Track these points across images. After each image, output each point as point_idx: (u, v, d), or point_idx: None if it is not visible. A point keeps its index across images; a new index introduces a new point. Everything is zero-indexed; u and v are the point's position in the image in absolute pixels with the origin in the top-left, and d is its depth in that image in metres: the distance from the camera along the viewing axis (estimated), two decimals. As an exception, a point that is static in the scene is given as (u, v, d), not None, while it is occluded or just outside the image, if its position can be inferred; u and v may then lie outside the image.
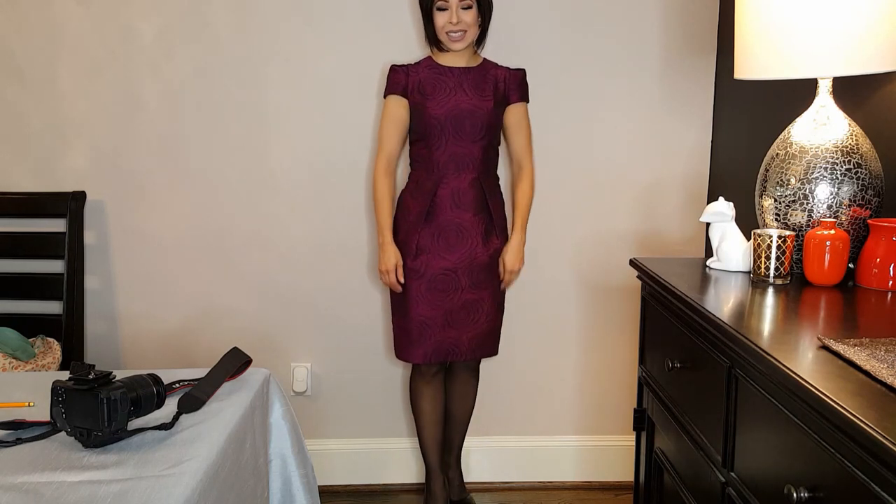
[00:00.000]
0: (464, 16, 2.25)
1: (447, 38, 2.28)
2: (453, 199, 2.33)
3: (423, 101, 2.33)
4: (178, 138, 2.69)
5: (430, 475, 2.58)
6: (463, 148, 2.33)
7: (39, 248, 2.67)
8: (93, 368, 1.41)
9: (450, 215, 2.34)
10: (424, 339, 2.38)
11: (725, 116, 2.64)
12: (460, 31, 2.27)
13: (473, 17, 2.27)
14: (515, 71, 2.40)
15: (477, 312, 2.39)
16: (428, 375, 2.49)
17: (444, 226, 2.35)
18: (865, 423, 0.90)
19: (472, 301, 2.38)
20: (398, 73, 2.36)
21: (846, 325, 1.43)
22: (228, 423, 1.55)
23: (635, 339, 2.03)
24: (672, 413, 1.67)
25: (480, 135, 2.33)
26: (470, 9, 2.26)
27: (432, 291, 2.36)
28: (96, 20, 2.62)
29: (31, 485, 1.28)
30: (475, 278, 2.37)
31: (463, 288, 2.36)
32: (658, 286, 1.70)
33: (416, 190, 2.38)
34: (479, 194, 2.36)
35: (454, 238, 2.35)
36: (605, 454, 2.86)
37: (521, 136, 2.42)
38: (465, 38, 2.28)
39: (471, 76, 2.35)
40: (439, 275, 2.36)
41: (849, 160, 1.62)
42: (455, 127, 2.31)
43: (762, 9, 1.62)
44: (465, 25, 2.26)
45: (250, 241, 2.74)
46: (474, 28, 2.29)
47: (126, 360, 2.78)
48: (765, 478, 1.22)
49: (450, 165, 2.34)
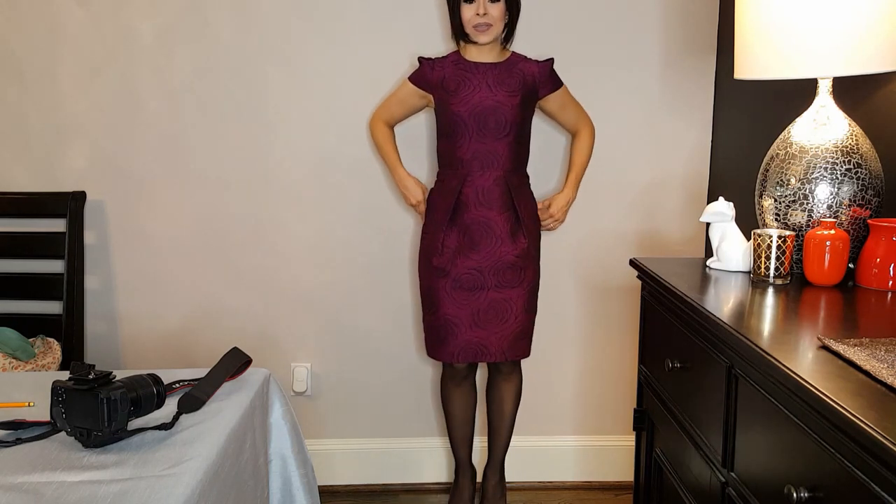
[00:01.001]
0: (491, 9, 2.22)
1: (473, 30, 2.25)
2: (478, 198, 2.31)
3: (447, 98, 2.31)
4: (178, 138, 2.69)
5: (459, 468, 2.61)
6: (487, 145, 2.29)
7: (39, 248, 2.67)
8: (93, 368, 1.41)
9: (475, 213, 2.32)
10: (453, 338, 2.36)
11: (725, 116, 2.64)
12: (486, 24, 2.23)
13: (500, 11, 2.24)
14: (544, 63, 2.35)
15: (505, 312, 2.35)
16: (458, 378, 2.49)
17: (469, 224, 2.32)
18: (865, 423, 0.90)
19: (499, 301, 2.34)
20: (423, 67, 2.37)
21: (846, 325, 1.43)
22: (228, 423, 1.55)
23: (635, 339, 2.03)
24: (672, 413, 1.67)
25: (505, 131, 2.30)
26: (497, 2, 2.23)
27: (458, 290, 2.34)
28: (96, 20, 2.62)
29: (31, 485, 1.28)
30: (501, 278, 2.33)
31: (489, 287, 2.33)
32: (658, 286, 1.70)
33: (442, 188, 2.37)
34: (505, 192, 2.32)
35: (479, 236, 2.32)
36: (605, 454, 2.86)
37: (568, 114, 2.45)
38: (490, 32, 2.25)
39: (496, 72, 2.31)
40: (465, 273, 2.33)
41: (849, 160, 1.62)
42: (479, 124, 2.28)
43: (762, 9, 1.62)
44: (492, 19, 2.23)
45: (250, 241, 2.74)
46: (500, 22, 2.26)
47: (126, 360, 2.78)
48: (765, 478, 1.22)
49: (474, 163, 2.31)
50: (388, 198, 2.73)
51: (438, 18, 2.63)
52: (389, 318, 2.79)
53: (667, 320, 1.69)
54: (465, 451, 2.58)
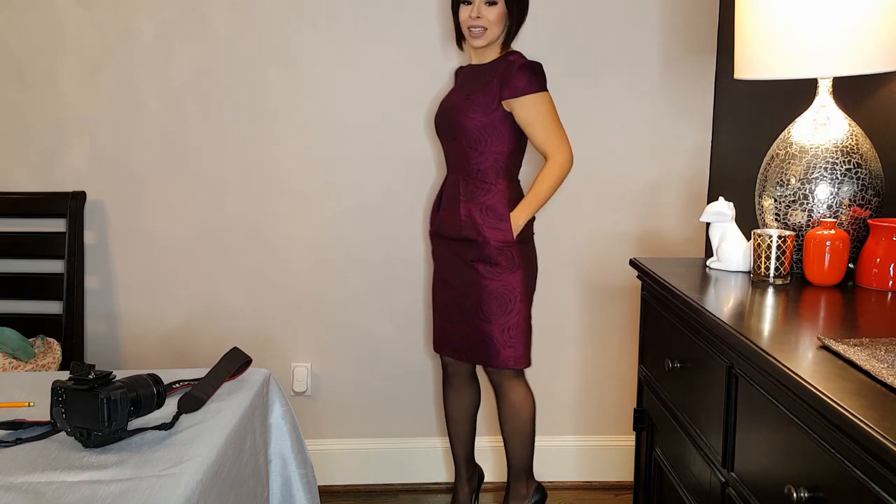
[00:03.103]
0: (486, 11, 2.16)
1: (468, 32, 2.21)
2: (447, 196, 2.34)
3: None
4: (178, 138, 2.69)
5: (457, 468, 2.60)
6: (448, 147, 2.33)
7: (39, 248, 2.67)
8: (93, 368, 1.41)
9: (443, 213, 2.35)
10: (435, 326, 2.45)
11: (725, 116, 2.64)
12: (480, 28, 2.17)
13: (497, 14, 2.17)
14: (515, 63, 2.18)
15: (466, 311, 2.31)
16: (448, 373, 2.50)
17: (441, 219, 2.36)
18: (865, 423, 0.90)
19: (460, 296, 2.33)
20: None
21: (846, 325, 1.43)
22: (228, 423, 1.55)
23: (635, 339, 2.03)
24: (672, 413, 1.67)
25: (452, 134, 2.27)
26: (494, 5, 2.17)
27: (436, 278, 2.44)
28: (96, 20, 2.62)
29: (31, 485, 1.28)
30: (462, 273, 2.31)
31: (455, 283, 2.34)
32: (658, 286, 1.70)
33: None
34: (457, 196, 2.28)
35: (446, 234, 2.34)
36: (605, 454, 2.86)
37: (534, 133, 2.19)
38: (484, 36, 2.18)
39: (473, 73, 2.27)
40: (439, 263, 2.42)
41: (849, 160, 1.62)
42: (440, 126, 2.33)
43: (762, 9, 1.62)
44: (487, 22, 2.17)
45: (250, 241, 2.74)
46: (497, 26, 2.18)
47: (126, 360, 2.78)
48: (765, 478, 1.22)
49: (447, 164, 2.37)
50: (388, 198, 2.73)
51: (438, 19, 2.63)
52: (389, 318, 2.79)
53: (667, 320, 1.69)
54: (461, 450, 2.57)
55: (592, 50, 2.65)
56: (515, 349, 2.28)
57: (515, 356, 2.29)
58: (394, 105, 2.68)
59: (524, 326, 2.30)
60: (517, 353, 2.29)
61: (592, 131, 2.70)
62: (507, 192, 2.25)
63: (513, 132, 2.22)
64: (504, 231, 2.23)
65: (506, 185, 2.25)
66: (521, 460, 2.45)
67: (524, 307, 2.29)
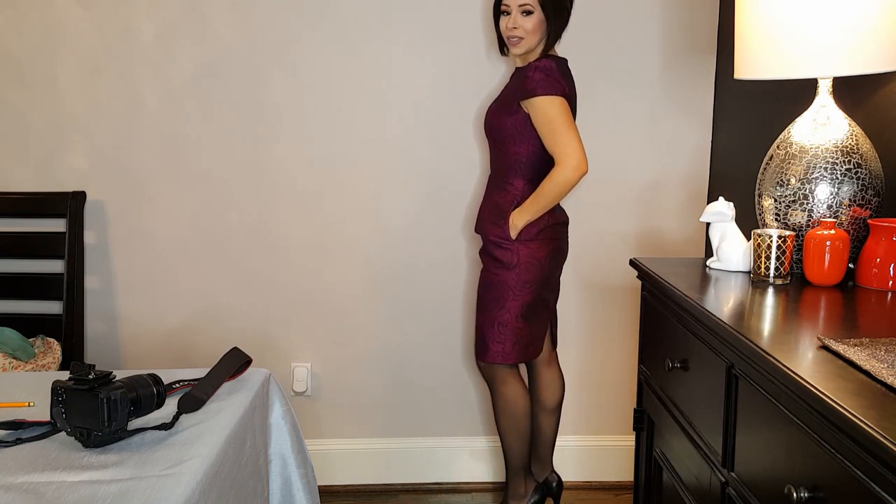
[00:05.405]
0: (522, 21, 2.22)
1: (508, 41, 2.29)
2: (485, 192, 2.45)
3: None
4: (178, 138, 2.69)
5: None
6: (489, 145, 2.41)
7: (39, 248, 2.67)
8: (93, 368, 1.41)
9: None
10: None
11: (725, 116, 2.64)
12: (517, 37, 2.24)
13: (534, 23, 2.22)
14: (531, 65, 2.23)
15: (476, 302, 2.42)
16: None
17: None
18: (865, 423, 0.90)
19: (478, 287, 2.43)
20: None
21: (846, 325, 1.43)
22: (228, 423, 1.55)
23: (635, 339, 2.03)
24: (672, 413, 1.67)
25: (486, 134, 2.38)
26: (531, 14, 2.22)
27: None
28: (96, 20, 2.62)
29: (31, 485, 1.28)
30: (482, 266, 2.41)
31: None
32: (658, 286, 1.70)
33: None
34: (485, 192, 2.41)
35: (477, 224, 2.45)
36: (605, 454, 2.86)
37: (544, 136, 2.22)
38: (521, 45, 2.25)
39: (514, 76, 2.34)
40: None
41: (849, 160, 1.62)
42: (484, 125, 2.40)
43: (762, 9, 1.62)
44: (523, 32, 2.23)
45: (251, 241, 2.74)
46: (533, 35, 2.23)
47: (126, 360, 2.78)
48: (765, 478, 1.22)
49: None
50: (388, 198, 2.73)
51: (438, 19, 2.63)
52: (389, 318, 2.79)
53: (667, 320, 1.69)
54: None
55: (592, 50, 2.65)
56: (503, 345, 2.33)
57: (503, 351, 2.33)
58: (394, 105, 2.68)
59: (515, 325, 2.31)
60: (505, 348, 2.33)
61: (592, 131, 2.69)
62: (520, 194, 2.29)
63: (536, 135, 2.24)
64: (502, 229, 2.29)
65: (522, 187, 2.29)
66: (518, 458, 2.47)
67: (516, 305, 2.30)
